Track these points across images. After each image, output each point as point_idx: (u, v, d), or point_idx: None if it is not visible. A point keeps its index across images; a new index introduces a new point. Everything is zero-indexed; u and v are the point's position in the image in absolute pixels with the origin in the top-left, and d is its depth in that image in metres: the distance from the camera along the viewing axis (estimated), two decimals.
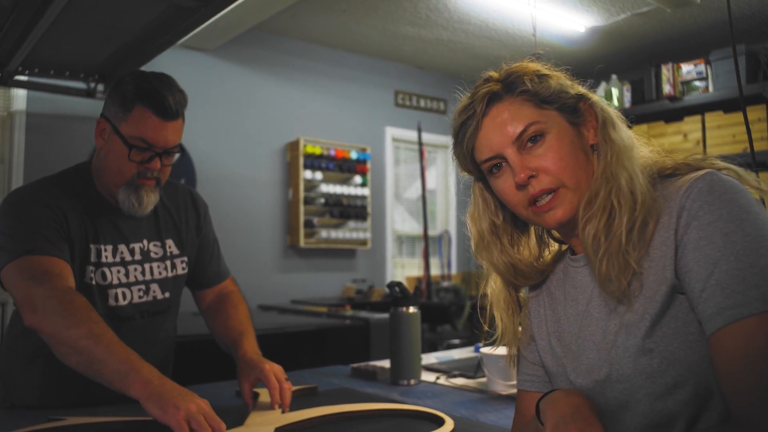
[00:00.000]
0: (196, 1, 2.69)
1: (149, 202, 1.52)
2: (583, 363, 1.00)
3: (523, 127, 0.99)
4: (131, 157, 1.47)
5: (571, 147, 0.98)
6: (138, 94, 1.47)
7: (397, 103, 6.26)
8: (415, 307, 1.72)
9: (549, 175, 0.97)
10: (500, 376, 1.57)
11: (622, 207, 0.92)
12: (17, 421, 1.32)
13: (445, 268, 6.40)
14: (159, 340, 1.66)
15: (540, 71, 1.04)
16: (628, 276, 0.92)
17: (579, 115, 1.01)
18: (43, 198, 1.47)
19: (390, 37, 5.53)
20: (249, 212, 5.12)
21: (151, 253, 1.62)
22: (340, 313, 3.99)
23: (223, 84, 5.12)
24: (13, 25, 2.95)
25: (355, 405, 1.41)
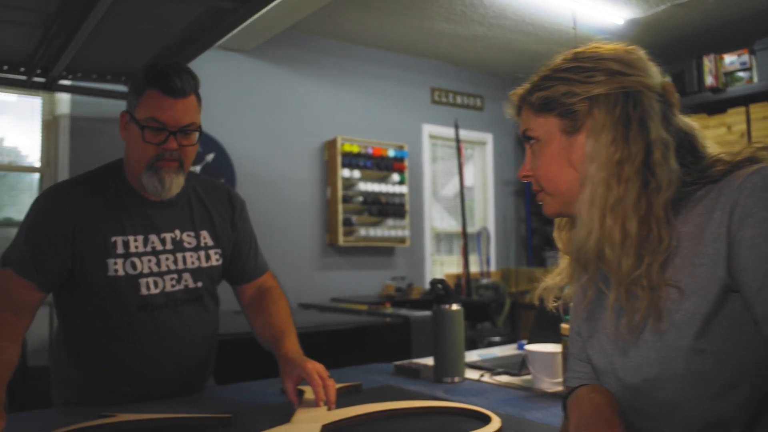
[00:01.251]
0: (233, 3, 2.72)
1: (173, 184, 1.55)
2: (632, 360, 0.97)
3: (521, 133, 1.09)
4: (146, 138, 1.51)
5: (554, 157, 1.02)
6: (147, 79, 1.52)
7: (433, 100, 6.24)
8: (458, 305, 1.71)
9: (534, 178, 1.07)
10: (546, 374, 1.55)
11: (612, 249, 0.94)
12: (70, 418, 1.35)
13: (484, 265, 6.36)
14: (197, 330, 1.67)
15: (555, 69, 1.03)
16: (641, 307, 0.92)
17: (582, 121, 0.99)
18: (59, 208, 1.53)
19: (426, 34, 5.51)
20: (288, 211, 5.16)
21: (184, 243, 1.63)
22: (380, 311, 4.00)
23: (260, 84, 5.16)
24: (58, 32, 3.02)
25: (401, 402, 1.41)
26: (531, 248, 6.81)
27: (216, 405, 1.49)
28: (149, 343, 1.59)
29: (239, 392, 1.64)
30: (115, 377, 1.59)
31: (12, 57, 3.53)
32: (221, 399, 1.56)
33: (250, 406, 1.48)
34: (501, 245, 6.57)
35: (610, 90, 0.96)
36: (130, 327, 1.57)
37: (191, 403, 1.52)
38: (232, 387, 1.73)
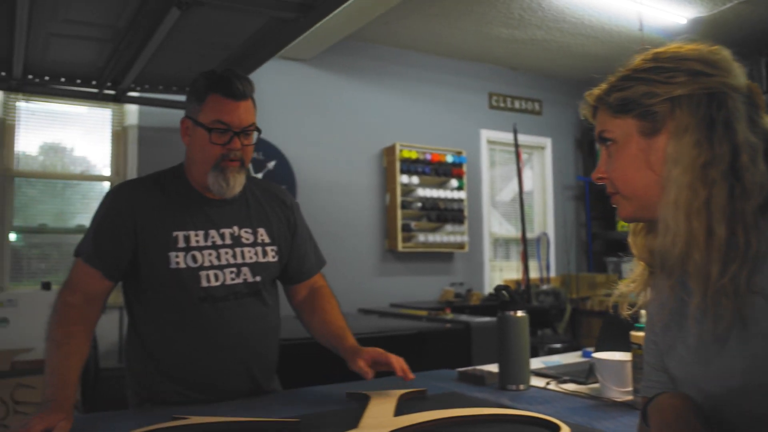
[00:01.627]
0: (295, 13, 2.77)
1: (236, 183, 1.65)
2: (715, 370, 0.94)
3: (597, 134, 1.06)
4: (213, 140, 1.60)
5: (632, 159, 1.00)
6: (208, 85, 1.61)
7: (491, 105, 6.20)
8: (523, 311, 1.69)
9: (610, 180, 1.04)
10: (615, 382, 1.52)
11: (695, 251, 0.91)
12: (143, 419, 1.39)
13: (543, 271, 6.28)
14: (258, 324, 1.73)
15: (637, 68, 1.01)
16: (726, 315, 0.89)
17: (663, 123, 0.97)
18: (123, 204, 1.64)
19: (483, 39, 5.49)
20: (347, 218, 5.21)
21: (242, 239, 1.70)
22: (440, 316, 3.99)
23: (319, 92, 5.23)
24: (127, 46, 3.13)
25: (467, 409, 1.40)
26: (592, 253, 6.68)
27: (283, 409, 1.51)
28: (213, 335, 1.65)
29: (305, 397, 1.66)
30: (182, 370, 1.65)
31: (84, 71, 3.68)
32: (288, 403, 1.58)
33: (317, 410, 1.49)
34: (561, 250, 6.47)
35: (693, 91, 0.94)
36: (194, 318, 1.63)
37: (259, 407, 1.54)
38: (297, 391, 1.75)
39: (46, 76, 3.71)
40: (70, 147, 4.50)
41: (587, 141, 6.83)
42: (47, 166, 4.43)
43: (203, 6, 2.63)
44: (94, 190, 4.55)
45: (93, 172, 4.55)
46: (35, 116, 4.33)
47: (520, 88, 6.42)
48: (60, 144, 4.47)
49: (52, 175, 4.40)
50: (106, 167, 4.55)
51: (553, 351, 4.79)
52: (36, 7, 2.71)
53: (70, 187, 4.47)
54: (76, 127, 4.48)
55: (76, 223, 4.43)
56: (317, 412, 1.47)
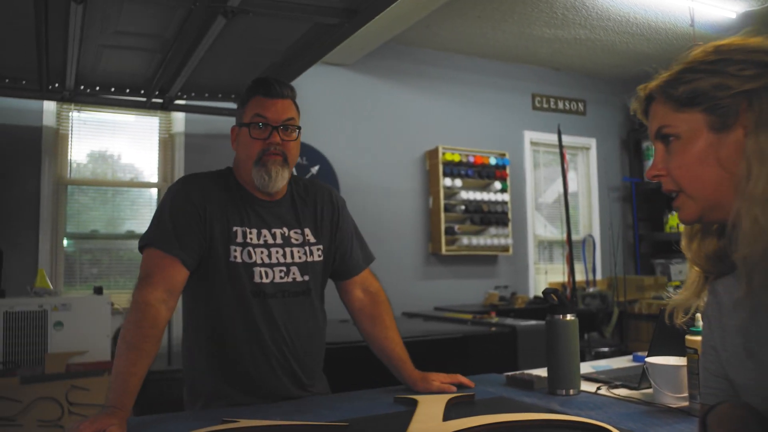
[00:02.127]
0: (339, 19, 2.79)
1: (279, 177, 1.69)
2: None
3: (656, 129, 1.01)
4: (253, 135, 1.68)
5: (699, 156, 0.95)
6: (250, 89, 1.74)
7: (534, 106, 6.14)
8: (572, 315, 1.67)
9: (672, 178, 0.99)
10: (669, 388, 1.49)
11: (755, 240, 0.87)
12: (193, 422, 1.41)
13: (589, 274, 6.18)
14: (305, 323, 1.76)
15: (703, 61, 0.96)
16: None
17: (735, 117, 0.92)
18: (194, 192, 1.69)
19: (525, 40, 5.44)
20: (391, 221, 5.21)
21: (292, 239, 1.75)
22: (485, 320, 3.96)
23: (362, 97, 5.25)
24: (174, 55, 3.19)
25: (516, 414, 1.39)
26: (639, 255, 6.56)
27: (331, 413, 1.52)
28: (262, 330, 1.68)
29: (352, 401, 1.67)
30: (231, 366, 1.69)
31: (133, 80, 3.77)
32: (336, 407, 1.59)
33: (365, 414, 1.50)
34: (607, 253, 6.36)
35: None
36: (245, 312, 1.67)
37: (308, 411, 1.55)
38: (345, 395, 1.76)
39: (97, 86, 3.82)
40: (120, 155, 4.61)
41: (633, 141, 6.70)
42: (98, 173, 4.55)
43: (248, 14, 2.67)
44: (143, 197, 4.65)
45: (141, 179, 4.65)
46: (86, 125, 4.45)
47: (564, 88, 6.34)
48: (110, 152, 4.59)
49: (102, 183, 4.52)
50: (153, 174, 4.65)
51: (601, 355, 4.71)
52: (87, 20, 2.79)
53: (119, 194, 4.58)
54: (125, 136, 4.59)
55: (126, 228, 4.54)
56: (366, 416, 1.48)
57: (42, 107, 4.19)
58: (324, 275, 1.82)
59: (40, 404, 3.07)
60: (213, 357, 1.70)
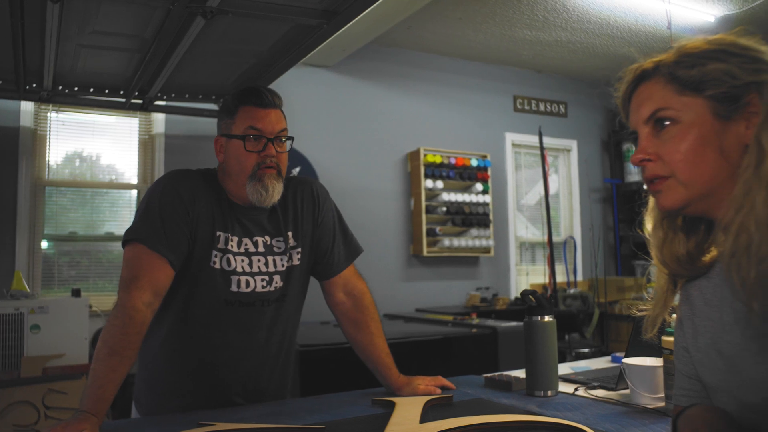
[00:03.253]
0: (319, 19, 2.78)
1: (275, 191, 1.65)
2: (751, 379, 0.91)
3: (651, 112, 0.97)
4: (247, 148, 1.63)
5: (698, 141, 0.92)
6: (238, 98, 1.67)
7: (516, 108, 6.17)
8: (550, 316, 1.68)
9: (663, 163, 0.95)
10: (646, 389, 1.50)
11: (761, 234, 0.84)
12: (169, 426, 1.40)
13: (570, 275, 6.22)
14: (280, 327, 1.75)
15: (707, 49, 0.94)
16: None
17: (737, 108, 0.91)
18: (183, 189, 1.64)
19: (507, 42, 5.47)
20: (372, 223, 5.21)
21: (274, 248, 1.71)
22: (467, 321, 3.97)
23: (343, 98, 5.25)
24: (153, 55, 3.17)
25: (494, 416, 1.39)
26: (620, 257, 6.60)
27: (309, 416, 1.51)
28: (231, 336, 1.66)
29: (330, 403, 1.66)
30: (200, 372, 1.67)
31: (112, 81, 3.73)
32: (312, 409, 1.58)
33: (342, 417, 1.49)
34: (588, 254, 6.40)
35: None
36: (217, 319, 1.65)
37: (285, 414, 1.54)
38: (323, 397, 1.75)
39: (76, 86, 3.78)
40: (99, 156, 4.57)
41: (614, 143, 6.75)
42: (77, 175, 4.50)
43: (228, 14, 2.66)
44: (123, 199, 4.61)
45: (121, 180, 4.61)
46: (65, 126, 4.40)
47: (545, 90, 6.38)
48: (89, 153, 4.54)
49: (81, 184, 4.47)
50: (133, 176, 4.61)
51: (581, 356, 4.74)
52: (65, 20, 2.76)
53: (99, 195, 4.53)
54: (105, 137, 4.55)
55: (105, 230, 4.49)
56: (343, 419, 1.47)
57: (19, 107, 4.15)
58: (303, 278, 1.80)
59: (16, 408, 3.03)
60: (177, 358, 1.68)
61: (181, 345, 1.68)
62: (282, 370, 1.79)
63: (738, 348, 0.94)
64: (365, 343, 1.79)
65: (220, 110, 1.71)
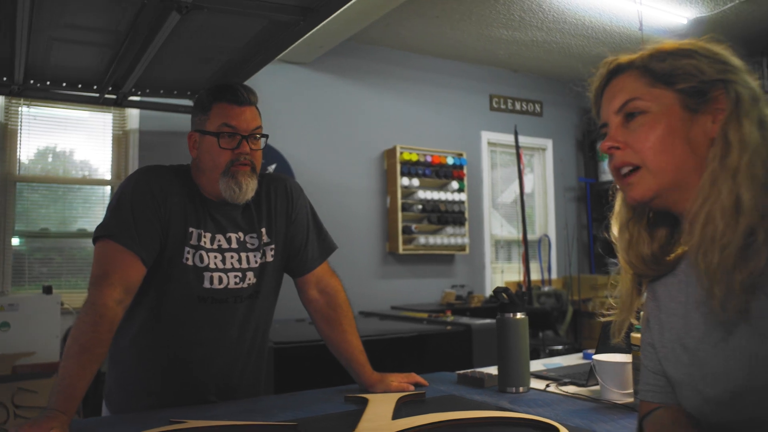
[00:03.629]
0: (295, 16, 2.77)
1: (248, 188, 1.64)
2: (713, 371, 0.93)
3: (623, 102, 1.00)
4: (222, 145, 1.62)
5: (667, 132, 0.96)
6: (213, 95, 1.65)
7: (492, 107, 6.20)
8: (522, 313, 1.69)
9: (633, 151, 0.98)
10: (615, 384, 1.52)
11: (725, 223, 0.88)
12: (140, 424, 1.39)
13: (545, 273, 6.27)
14: (252, 324, 1.74)
15: (679, 48, 0.99)
16: (737, 302, 0.87)
17: (704, 103, 0.95)
18: (155, 185, 1.63)
19: (484, 41, 5.49)
20: (348, 220, 5.20)
21: (248, 244, 1.71)
22: (441, 319, 3.99)
23: (320, 95, 5.24)
24: (127, 50, 3.13)
25: (466, 412, 1.40)
26: (593, 255, 6.67)
27: (281, 413, 1.51)
28: (204, 333, 1.66)
29: (303, 400, 1.66)
30: (172, 369, 1.66)
31: (86, 75, 3.68)
32: (285, 407, 1.58)
33: (315, 414, 1.49)
34: (562, 252, 6.46)
35: (739, 80, 0.94)
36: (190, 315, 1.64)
37: (257, 411, 1.54)
38: (295, 395, 1.75)
39: (48, 80, 3.72)
40: (72, 151, 4.51)
41: (588, 142, 6.82)
42: (49, 170, 4.44)
43: (203, 10, 2.63)
44: (96, 195, 4.56)
45: (94, 176, 4.55)
46: (37, 121, 4.34)
47: (521, 89, 6.42)
48: (61, 148, 4.48)
49: (53, 180, 4.41)
50: (107, 171, 4.55)
51: (555, 353, 4.79)
52: (37, 12, 2.72)
53: (71, 191, 4.48)
54: (78, 132, 4.49)
55: (78, 227, 4.44)
56: (315, 416, 1.47)
57: None
58: (276, 275, 1.79)
59: None
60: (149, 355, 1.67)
61: (152, 342, 1.67)
62: (254, 367, 1.79)
63: (701, 341, 0.96)
64: (338, 341, 1.79)
65: (195, 106, 1.70)
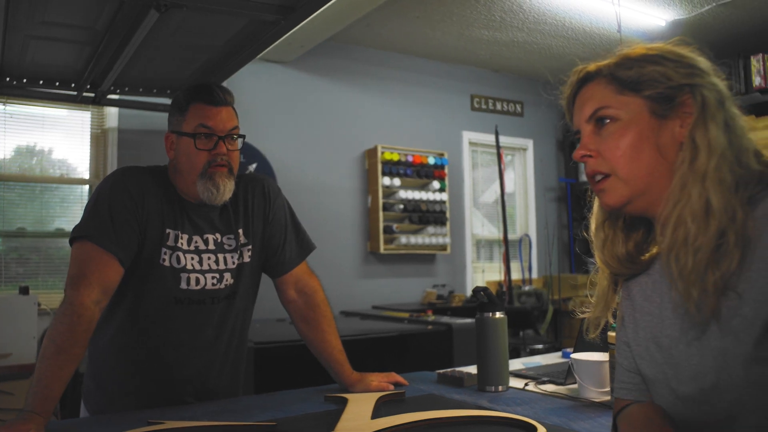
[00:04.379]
0: (275, 15, 2.76)
1: (226, 189, 1.64)
2: (686, 369, 0.95)
3: (593, 110, 1.01)
4: (198, 146, 1.61)
5: (636, 138, 0.97)
6: (189, 95, 1.65)
7: (473, 107, 6.22)
8: (501, 313, 1.70)
9: (604, 159, 0.99)
10: (593, 383, 1.53)
11: (697, 226, 0.89)
12: (118, 425, 1.38)
13: (525, 272, 6.31)
14: (229, 325, 1.74)
15: (646, 54, 1.00)
16: (711, 303, 0.88)
17: (672, 108, 0.96)
18: (133, 186, 1.62)
19: (465, 42, 5.51)
20: (329, 220, 5.20)
21: (225, 245, 1.71)
22: (422, 318, 3.99)
23: (301, 95, 5.22)
24: (106, 47, 3.10)
25: (445, 411, 1.40)
26: (573, 254, 6.72)
27: (260, 413, 1.51)
28: (181, 335, 1.66)
29: (283, 400, 1.66)
30: (149, 370, 1.66)
31: (63, 73, 3.64)
32: (265, 407, 1.58)
33: (294, 414, 1.49)
34: (543, 252, 6.50)
35: (706, 84, 0.95)
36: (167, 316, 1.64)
37: (236, 411, 1.54)
38: (275, 395, 1.74)
39: (24, 78, 3.67)
40: (49, 150, 4.46)
41: (569, 142, 6.87)
42: (26, 169, 4.38)
43: (182, 8, 2.62)
44: (74, 194, 4.51)
45: (72, 175, 4.50)
46: (14, 119, 4.28)
47: (502, 89, 6.45)
48: (39, 147, 4.43)
49: (30, 179, 4.35)
50: (85, 170, 4.51)
51: (535, 352, 4.81)
52: (12, 9, 2.68)
53: (49, 190, 4.42)
54: (56, 130, 4.44)
55: (56, 226, 4.39)
56: (294, 415, 1.47)
57: None
58: (254, 275, 1.79)
59: None
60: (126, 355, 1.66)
61: (130, 342, 1.66)
62: (233, 368, 1.78)
63: (675, 340, 0.97)
64: (317, 341, 1.79)
65: (171, 106, 1.69)
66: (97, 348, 1.69)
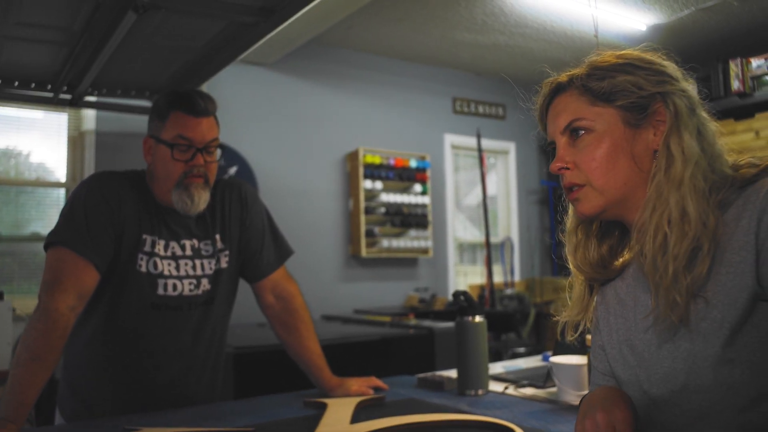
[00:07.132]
0: (255, 17, 2.73)
1: (201, 200, 1.63)
2: (657, 372, 0.96)
3: (567, 122, 1.02)
4: (175, 156, 1.59)
5: (611, 149, 0.97)
6: (170, 102, 1.63)
7: (455, 110, 6.23)
8: (481, 317, 1.70)
9: (580, 171, 1.00)
10: (572, 386, 1.53)
11: (675, 233, 0.90)
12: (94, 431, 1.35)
13: (508, 276, 6.32)
14: (207, 331, 1.72)
15: (616, 63, 1.00)
16: (683, 307, 0.90)
17: (645, 117, 0.97)
18: (109, 191, 1.60)
19: (447, 44, 5.52)
20: (311, 223, 5.17)
21: (202, 251, 1.70)
22: (404, 322, 3.98)
23: (282, 97, 5.19)
24: (83, 49, 3.06)
25: (424, 416, 1.39)
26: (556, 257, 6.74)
27: (239, 418, 1.49)
28: (158, 340, 1.64)
29: (261, 405, 1.64)
30: (126, 376, 1.64)
31: (39, 74, 3.59)
32: (244, 412, 1.56)
33: (273, 419, 1.47)
34: (525, 255, 6.52)
35: (676, 91, 0.96)
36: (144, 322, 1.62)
37: (214, 417, 1.52)
38: (254, 400, 1.73)
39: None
40: (25, 153, 4.39)
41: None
42: (1, 172, 4.32)
43: (161, 10, 2.59)
44: (50, 197, 4.45)
45: (49, 178, 4.44)
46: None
47: (484, 92, 6.46)
48: (14, 149, 4.37)
49: (5, 182, 4.29)
50: (62, 174, 4.45)
51: (517, 355, 4.82)
52: None
53: (24, 193, 4.36)
54: (31, 133, 4.38)
55: (31, 230, 4.33)
56: (273, 420, 1.45)
57: None
58: (231, 281, 1.77)
59: None
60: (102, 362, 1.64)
61: (106, 348, 1.64)
62: (211, 374, 1.76)
63: (647, 343, 0.98)
64: (296, 346, 1.79)
65: (152, 110, 1.67)
66: (73, 354, 1.67)
